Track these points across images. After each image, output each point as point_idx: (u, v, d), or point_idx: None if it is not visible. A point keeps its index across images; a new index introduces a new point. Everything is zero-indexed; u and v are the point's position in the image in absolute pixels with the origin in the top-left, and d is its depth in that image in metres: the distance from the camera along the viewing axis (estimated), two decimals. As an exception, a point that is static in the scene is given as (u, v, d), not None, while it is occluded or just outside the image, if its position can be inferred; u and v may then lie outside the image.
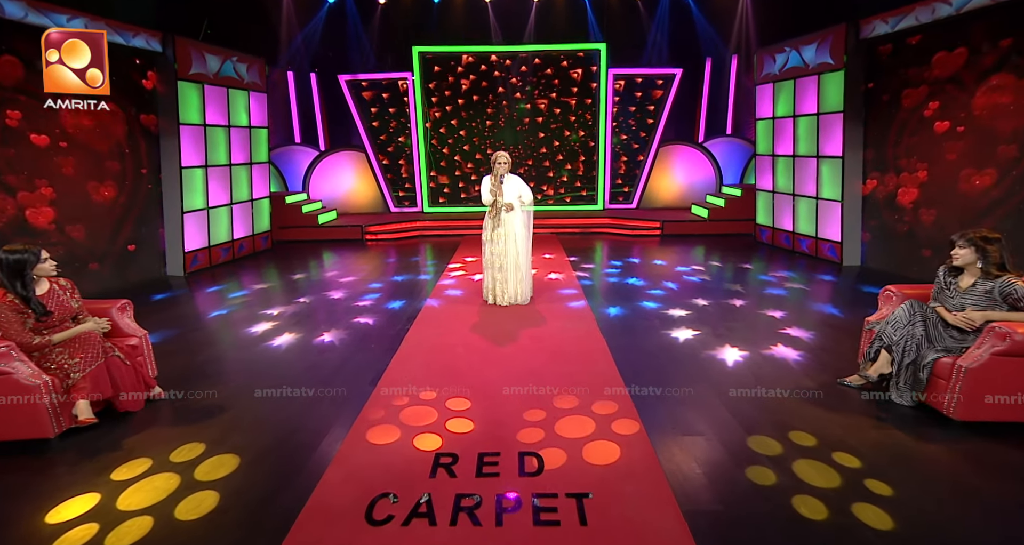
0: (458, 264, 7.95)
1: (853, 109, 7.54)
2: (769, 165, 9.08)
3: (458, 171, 11.65)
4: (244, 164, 8.96)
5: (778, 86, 8.76)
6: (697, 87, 11.77)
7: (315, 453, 3.06)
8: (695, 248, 9.08)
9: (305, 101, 11.67)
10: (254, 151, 9.16)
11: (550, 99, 11.37)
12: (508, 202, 5.28)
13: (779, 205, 8.91)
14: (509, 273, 5.41)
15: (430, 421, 3.33)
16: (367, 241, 10.10)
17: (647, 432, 3.15)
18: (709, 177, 11.74)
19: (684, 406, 3.56)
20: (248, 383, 4.00)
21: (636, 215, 10.82)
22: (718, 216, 10.30)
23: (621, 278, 7.04)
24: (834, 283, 6.98)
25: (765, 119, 9.13)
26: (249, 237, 9.13)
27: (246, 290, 6.90)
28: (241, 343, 4.94)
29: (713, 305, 5.79)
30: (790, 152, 8.61)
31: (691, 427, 3.30)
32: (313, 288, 6.81)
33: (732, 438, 3.20)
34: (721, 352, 4.46)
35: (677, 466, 2.93)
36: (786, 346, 4.61)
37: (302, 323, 5.37)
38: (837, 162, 7.76)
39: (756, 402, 3.61)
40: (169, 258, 7.85)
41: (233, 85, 8.53)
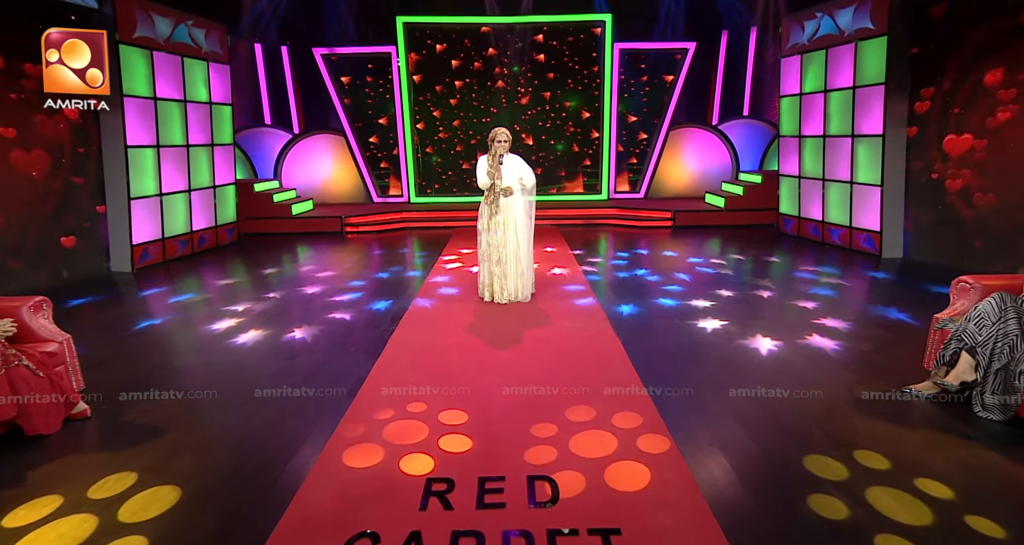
0: (452, 256, 7.83)
1: (897, 80, 7.24)
2: (795, 147, 8.87)
3: (443, 157, 11.43)
4: (204, 145, 8.60)
5: (807, 58, 8.50)
6: (712, 63, 11.62)
7: (277, 482, 2.74)
8: (711, 240, 8.93)
9: (276, 78, 11.54)
10: (216, 131, 8.79)
11: (545, 79, 11.15)
12: (507, 186, 5.07)
13: (807, 192, 8.72)
14: (509, 266, 5.24)
15: (420, 438, 3.07)
16: (347, 234, 9.93)
17: (679, 449, 2.89)
18: (725, 163, 11.57)
19: (720, 414, 3.32)
20: (200, 394, 3.71)
21: (644, 205, 10.71)
22: (736, 205, 10.15)
23: (632, 273, 6.89)
24: (875, 277, 6.75)
25: (791, 96, 8.93)
26: (211, 229, 8.82)
27: (207, 287, 6.68)
28: (198, 344, 4.72)
29: (738, 296, 5.72)
30: (819, 132, 8.38)
31: (732, 442, 3.02)
32: (285, 284, 6.62)
33: (784, 456, 2.90)
34: (753, 342, 4.41)
35: (720, 492, 2.62)
36: (822, 336, 4.52)
37: (271, 320, 5.18)
38: (876, 142, 7.47)
39: (803, 408, 3.37)
40: (114, 252, 7.41)
41: (189, 53, 8.13)
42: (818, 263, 7.38)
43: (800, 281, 6.50)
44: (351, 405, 3.45)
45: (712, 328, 4.74)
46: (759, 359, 4.13)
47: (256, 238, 9.71)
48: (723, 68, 11.58)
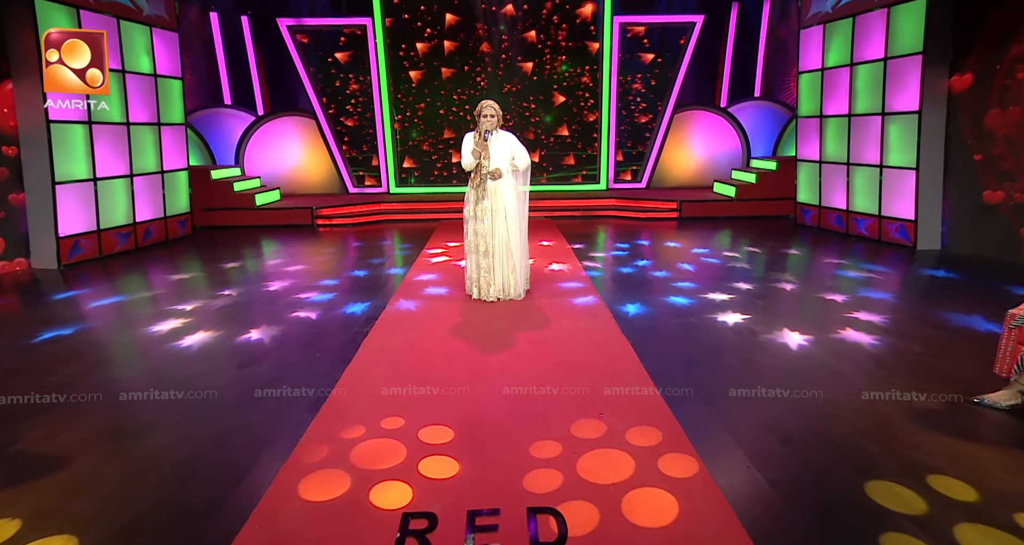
0: (438, 249, 7.73)
1: (937, 49, 6.94)
2: (815, 129, 8.69)
3: (427, 145, 11.18)
4: (149, 124, 8.17)
5: (831, 28, 8.29)
6: (720, 40, 11.37)
7: (213, 522, 2.35)
8: (720, 232, 8.81)
9: (236, 52, 11.15)
10: (163, 108, 8.38)
11: (539, 59, 10.85)
12: (496, 167, 4.86)
13: (829, 178, 8.54)
14: (497, 259, 5.05)
15: (395, 462, 2.77)
16: (318, 226, 9.72)
17: (710, 472, 2.62)
18: (735, 149, 11.40)
19: (753, 426, 3.06)
20: (122, 412, 3.32)
21: (647, 195, 10.58)
22: (747, 195, 10.00)
23: (636, 268, 6.71)
24: (911, 271, 6.52)
25: (811, 71, 8.74)
26: (159, 220, 8.45)
27: (152, 285, 6.41)
28: (130, 350, 4.42)
29: (757, 289, 5.63)
30: (844, 111, 8.19)
31: (773, 461, 2.74)
32: (245, 281, 6.38)
33: (842, 482, 2.58)
34: (779, 336, 4.31)
35: (766, 528, 2.27)
36: (857, 331, 4.39)
37: (225, 320, 4.93)
38: (911, 119, 7.22)
39: (851, 418, 3.11)
40: (35, 246, 6.88)
41: (126, 15, 7.63)
42: (843, 255, 7.26)
43: (824, 274, 6.42)
44: (313, 422, 3.13)
45: (733, 322, 4.63)
46: (789, 355, 4.00)
47: (213, 231, 9.45)
48: (733, 45, 11.36)
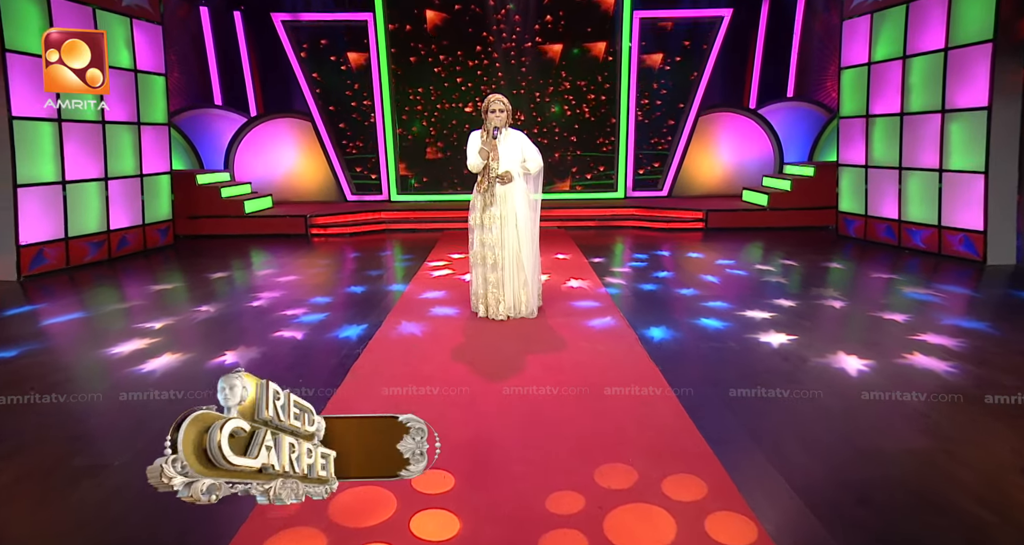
0: (440, 262, 7.47)
1: (1010, 36, 6.57)
2: (860, 130, 8.43)
3: (432, 150, 10.99)
4: (127, 123, 7.97)
5: (879, 18, 8.04)
6: (750, 36, 11.14)
7: None
8: (752, 244, 8.56)
9: (228, 50, 11.04)
10: (144, 107, 8.18)
11: (551, 56, 10.67)
12: (506, 170, 4.65)
13: (876, 185, 8.27)
14: (507, 273, 4.81)
15: (383, 517, 2.47)
16: (313, 236, 9.54)
17: (773, 540, 2.23)
18: (766, 153, 11.17)
19: (823, 482, 2.65)
20: (57, 452, 2.95)
21: (669, 204, 10.36)
22: (782, 204, 9.73)
23: (661, 284, 6.40)
24: (982, 289, 6.13)
25: (856, 67, 8.48)
26: (136, 228, 8.25)
27: (122, 299, 6.21)
28: (82, 375, 4.11)
29: (802, 307, 5.38)
30: (896, 109, 7.90)
31: (850, 527, 2.33)
32: (226, 296, 6.15)
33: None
34: (835, 360, 4.05)
35: None
36: (927, 355, 4.10)
37: (197, 340, 4.72)
38: (979, 117, 6.88)
39: (950, 474, 2.68)
40: (-8, 255, 6.66)
41: (103, 4, 7.44)
42: (896, 270, 6.97)
43: (876, 291, 6.15)
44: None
45: (778, 344, 4.36)
46: (849, 385, 3.68)
47: (198, 241, 9.31)
48: (764, 41, 11.12)
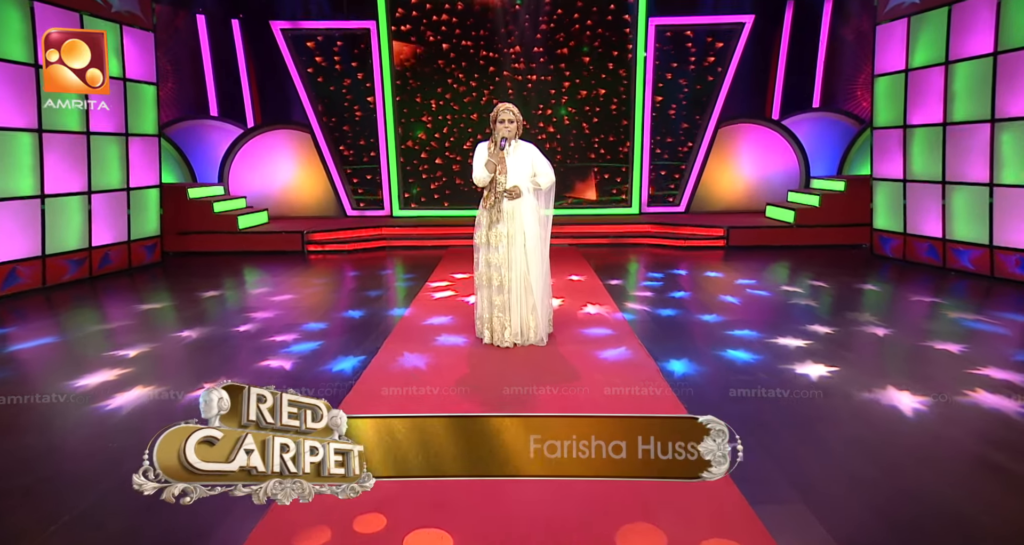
0: (442, 282, 7.06)
1: None
2: (897, 142, 8.03)
3: (439, 159, 10.80)
4: (114, 134, 7.72)
5: (918, 21, 7.63)
6: (772, 42, 10.94)
7: None
8: (777, 264, 8.21)
9: (225, 59, 10.93)
10: (133, 117, 7.92)
11: (561, 65, 10.44)
12: (515, 185, 4.40)
13: (916, 200, 7.86)
14: (514, 295, 4.52)
15: None
16: (310, 253, 9.29)
17: None
18: (791, 167, 10.91)
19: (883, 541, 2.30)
20: None
21: (687, 220, 10.06)
22: (809, 220, 9.40)
23: (682, 308, 5.93)
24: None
25: (891, 74, 8.10)
26: (121, 245, 7.95)
27: (98, 322, 5.92)
28: (36, 412, 3.67)
29: (840, 334, 4.96)
30: (937, 119, 7.48)
31: None
32: (211, 320, 5.80)
33: None
34: (884, 396, 3.67)
35: None
36: (993, 393, 3.68)
37: (173, 370, 4.42)
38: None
39: None
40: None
41: (90, 10, 7.22)
42: (942, 294, 6.51)
43: (921, 317, 5.73)
44: (262, 521, 2.41)
45: (817, 376, 3.99)
46: (904, 426, 3.32)
47: (188, 258, 9.06)
48: (787, 48, 10.88)
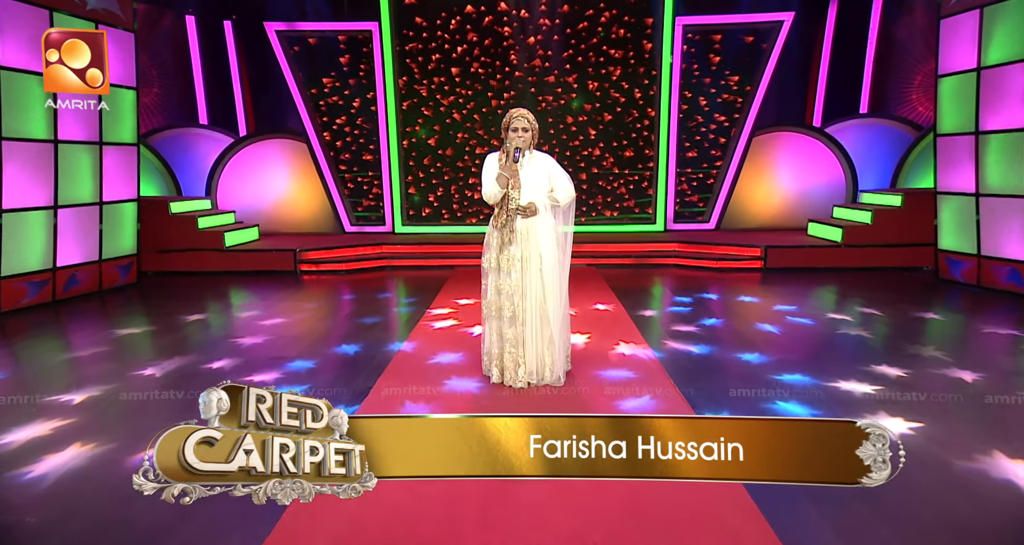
0: (444, 310, 6.50)
1: None
2: (967, 150, 7.51)
3: (448, 170, 10.52)
4: (86, 143, 7.36)
5: (992, 12, 7.09)
6: (814, 42, 10.60)
7: None
8: (823, 289, 7.65)
9: (216, 63, 10.72)
10: (108, 125, 7.57)
11: (583, 71, 10.15)
12: (530, 201, 4.09)
13: (993, 217, 7.31)
14: (528, 328, 4.16)
15: None
16: (303, 274, 8.93)
17: None
18: (836, 180, 10.55)
19: None
20: None
21: (718, 239, 9.70)
22: (860, 239, 8.86)
23: (716, 345, 5.23)
24: None
25: (958, 74, 7.58)
26: (91, 264, 7.55)
27: (48, 357, 5.35)
28: None
29: (913, 377, 4.36)
30: (1019, 124, 6.94)
31: None
32: (180, 354, 5.16)
33: None
34: (993, 466, 3.05)
35: None
36: None
37: (122, 421, 3.80)
38: None
39: None
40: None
41: (61, 6, 6.89)
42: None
43: (1011, 356, 5.08)
44: None
45: (899, 434, 3.34)
46: (1016, 486, 2.83)
47: (167, 279, 8.63)
48: (831, 48, 10.48)
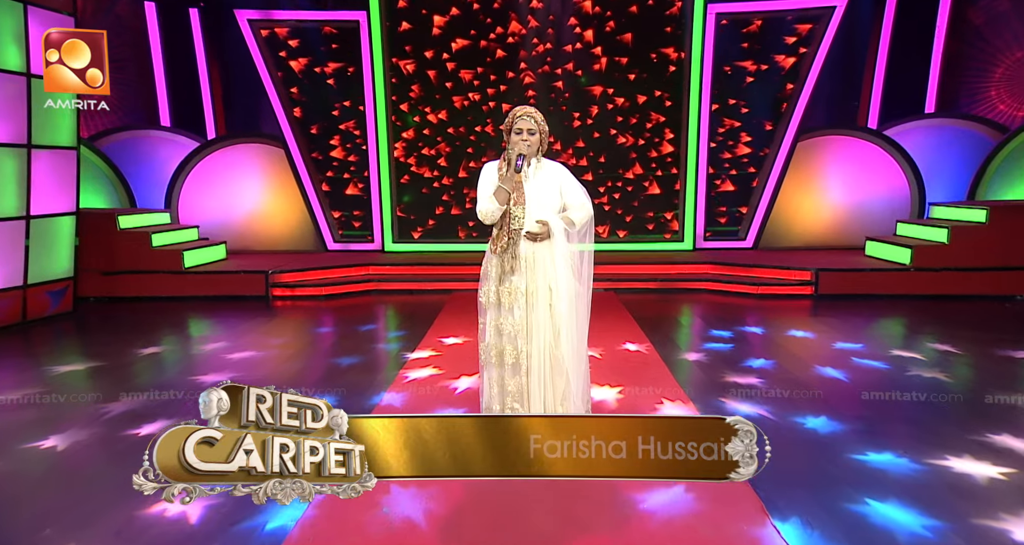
0: (426, 352, 5.68)
1: None
2: None
3: (446, 179, 10.21)
4: (13, 145, 6.90)
5: None
6: (871, 32, 10.23)
7: None
8: (887, 321, 7.00)
9: (181, 56, 10.51)
10: (41, 124, 7.09)
11: (600, 66, 9.81)
12: (542, 224, 3.65)
13: None
14: (535, 377, 3.77)
15: None
16: (275, 299, 8.44)
17: None
18: (899, 190, 10.12)
19: None
20: None
21: (757, 260, 9.22)
22: (933, 261, 8.23)
23: (772, 404, 4.41)
24: None
25: None
26: (15, 290, 7.04)
27: None
28: None
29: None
30: None
31: None
32: (100, 413, 4.49)
33: None
34: None
35: None
36: None
37: (13, 506, 3.32)
38: None
39: None
40: None
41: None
42: None
43: None
44: None
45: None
46: None
47: (112, 306, 8.09)
48: (890, 37, 10.14)
